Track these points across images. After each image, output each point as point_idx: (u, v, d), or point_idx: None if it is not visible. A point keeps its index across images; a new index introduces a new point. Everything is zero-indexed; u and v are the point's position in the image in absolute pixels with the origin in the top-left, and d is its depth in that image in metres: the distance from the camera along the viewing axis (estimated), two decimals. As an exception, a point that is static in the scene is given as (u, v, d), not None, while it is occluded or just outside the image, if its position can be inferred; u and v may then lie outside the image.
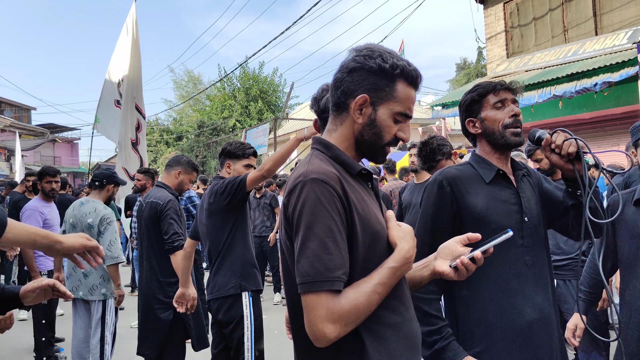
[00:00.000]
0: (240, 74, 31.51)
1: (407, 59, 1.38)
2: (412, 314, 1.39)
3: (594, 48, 9.60)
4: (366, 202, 1.33)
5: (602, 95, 8.98)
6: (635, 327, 2.18)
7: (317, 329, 1.16)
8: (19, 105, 37.25)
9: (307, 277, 1.17)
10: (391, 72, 1.32)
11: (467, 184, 1.86)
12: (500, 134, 1.87)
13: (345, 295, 1.19)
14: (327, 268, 1.17)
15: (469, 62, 35.60)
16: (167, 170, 3.98)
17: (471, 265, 1.32)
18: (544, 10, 10.98)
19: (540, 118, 10.04)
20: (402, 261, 1.27)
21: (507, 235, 1.35)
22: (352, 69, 1.35)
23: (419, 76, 1.38)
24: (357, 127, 1.37)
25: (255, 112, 30.63)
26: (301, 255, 1.19)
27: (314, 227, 1.19)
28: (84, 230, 4.06)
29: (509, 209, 1.82)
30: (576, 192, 1.81)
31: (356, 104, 1.34)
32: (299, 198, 1.23)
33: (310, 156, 1.37)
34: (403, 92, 1.34)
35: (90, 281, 4.04)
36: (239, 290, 3.21)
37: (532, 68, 10.65)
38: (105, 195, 4.28)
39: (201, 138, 29.00)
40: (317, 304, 1.16)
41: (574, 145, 1.70)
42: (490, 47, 12.25)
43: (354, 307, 1.18)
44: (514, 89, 1.91)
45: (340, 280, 1.18)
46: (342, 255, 1.20)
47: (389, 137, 1.36)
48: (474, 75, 30.36)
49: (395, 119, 1.35)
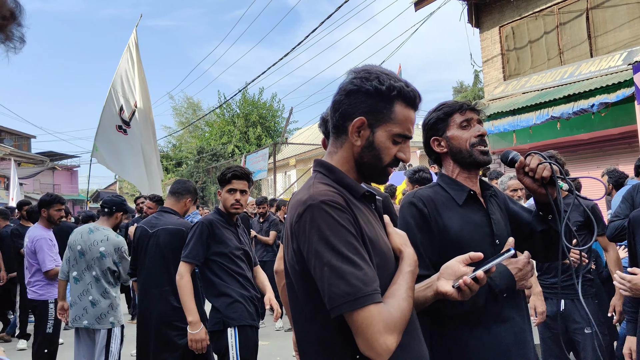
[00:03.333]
0: (240, 99, 31.75)
1: (406, 80, 1.38)
2: (419, 335, 1.38)
3: (590, 70, 9.69)
4: (372, 224, 1.33)
5: (599, 116, 9.03)
6: None
7: (378, 344, 1.14)
8: (19, 134, 37.40)
9: (347, 296, 1.15)
10: (388, 94, 1.32)
11: (440, 207, 1.82)
12: (468, 152, 1.85)
13: (390, 304, 1.19)
14: (364, 283, 1.16)
15: (466, 85, 35.90)
16: (176, 198, 3.96)
17: (474, 285, 1.31)
18: (539, 34, 11.13)
19: (539, 139, 10.09)
20: (414, 264, 1.33)
21: (509, 254, 1.35)
22: (349, 92, 1.35)
23: (418, 97, 1.37)
24: (356, 150, 1.36)
25: (254, 138, 30.75)
26: (333, 277, 1.17)
27: (337, 247, 1.18)
28: (95, 258, 4.04)
29: (482, 232, 1.80)
30: (547, 217, 1.80)
31: (354, 127, 1.34)
32: (313, 222, 1.21)
33: (313, 179, 1.36)
34: (401, 114, 1.34)
35: (99, 310, 4.01)
36: (222, 327, 3.24)
37: (529, 90, 10.73)
38: (114, 222, 4.27)
39: (200, 164, 29.05)
40: (372, 319, 1.14)
41: (548, 169, 1.69)
42: (487, 70, 12.37)
43: (402, 313, 1.19)
44: (479, 110, 1.91)
45: (379, 292, 1.18)
46: (371, 267, 1.20)
47: (388, 159, 1.36)
48: (471, 98, 30.56)
49: (394, 140, 1.35)
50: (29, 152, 36.35)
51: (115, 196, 4.43)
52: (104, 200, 4.35)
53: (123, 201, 4.36)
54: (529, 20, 11.28)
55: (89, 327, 4.01)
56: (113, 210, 4.22)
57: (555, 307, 3.57)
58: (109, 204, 4.23)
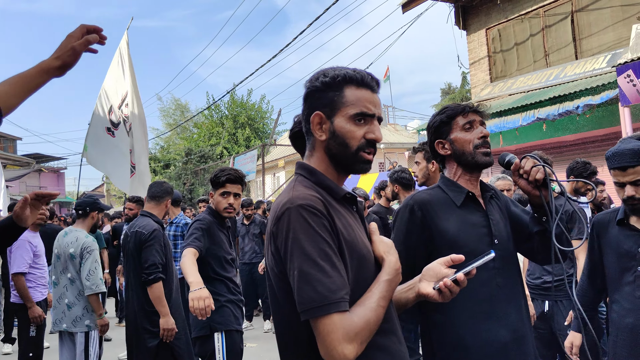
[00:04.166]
0: (228, 101, 31.68)
1: (356, 67, 1.40)
2: (400, 337, 1.39)
3: (575, 72, 9.81)
4: (352, 226, 1.34)
5: (584, 117, 9.14)
6: (622, 345, 2.19)
7: (336, 352, 1.15)
8: (4, 136, 36.95)
9: (312, 302, 1.16)
10: (335, 83, 1.36)
11: (438, 209, 1.87)
12: (471, 154, 1.89)
13: (355, 312, 1.19)
14: (330, 290, 1.17)
15: (454, 87, 36.10)
16: (156, 201, 3.89)
17: (454, 287, 1.32)
18: (525, 36, 11.23)
19: (525, 141, 10.18)
20: (394, 273, 1.32)
21: (490, 257, 1.36)
22: (306, 97, 1.41)
23: (366, 76, 1.38)
24: (324, 145, 1.39)
25: (242, 139, 30.68)
26: (301, 281, 1.18)
27: (309, 253, 1.19)
28: (67, 260, 4.01)
29: (479, 232, 1.84)
30: (542, 218, 1.83)
31: (314, 124, 1.38)
32: (289, 225, 1.23)
33: (294, 182, 1.38)
34: (353, 95, 1.36)
35: (74, 312, 3.97)
36: (208, 332, 3.22)
37: (515, 92, 10.84)
38: (90, 222, 4.23)
39: (189, 166, 28.92)
40: (332, 327, 1.15)
41: (541, 172, 1.73)
42: (474, 72, 12.47)
43: (366, 323, 1.19)
44: (481, 112, 1.94)
45: (345, 300, 1.18)
46: (341, 275, 1.20)
47: (355, 142, 1.35)
48: (459, 99, 30.73)
49: (355, 122, 1.35)
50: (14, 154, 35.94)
51: (87, 197, 4.40)
52: (77, 203, 4.33)
53: (95, 200, 4.33)
54: (515, 22, 11.39)
55: (68, 330, 3.99)
56: (87, 211, 4.19)
57: (539, 308, 3.62)
58: (82, 205, 4.21)
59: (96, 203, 4.28)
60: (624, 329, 2.21)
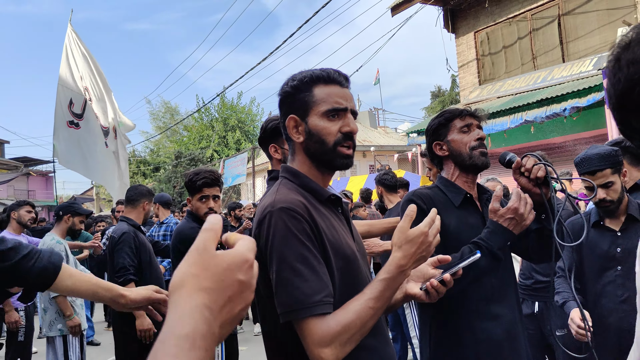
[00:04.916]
0: (218, 104, 31.61)
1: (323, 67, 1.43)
2: (387, 336, 1.41)
3: (562, 74, 9.91)
4: (335, 228, 1.35)
5: (571, 119, 9.23)
6: (605, 343, 2.22)
7: (313, 356, 1.17)
8: (-8, 139, 36.61)
9: (287, 306, 1.18)
10: (303, 84, 1.39)
11: (439, 207, 1.88)
12: (468, 155, 1.92)
13: (334, 316, 1.19)
14: (305, 294, 1.17)
15: (443, 90, 36.27)
16: (132, 205, 3.81)
17: (441, 287, 1.34)
18: (513, 39, 11.33)
19: (513, 143, 10.25)
20: (395, 271, 1.23)
21: (475, 257, 1.38)
22: (280, 105, 1.44)
23: (332, 72, 1.40)
24: (303, 146, 1.40)
25: (233, 142, 30.61)
26: (279, 286, 1.20)
27: (287, 257, 1.21)
28: None
29: (476, 233, 1.86)
30: (541, 216, 1.86)
31: (290, 128, 1.40)
32: (269, 229, 1.25)
33: (278, 185, 1.39)
34: (322, 92, 1.38)
35: (48, 317, 3.95)
36: None
37: (503, 95, 10.92)
38: (65, 226, 4.19)
39: (179, 169, 28.78)
40: (307, 331, 1.17)
41: (542, 170, 1.75)
42: (463, 74, 12.55)
43: (344, 327, 1.17)
44: (478, 116, 1.99)
45: (323, 304, 1.18)
46: (320, 279, 1.21)
47: (332, 138, 1.37)
48: (449, 102, 30.89)
49: (328, 118, 1.37)
50: (2, 158, 35.59)
51: (66, 202, 4.41)
52: (55, 208, 4.33)
53: (71, 204, 4.30)
54: (503, 25, 11.48)
55: (47, 335, 3.98)
56: (61, 215, 4.17)
57: (529, 308, 3.63)
58: (57, 210, 4.22)
59: (69, 206, 4.24)
60: (607, 328, 2.24)
